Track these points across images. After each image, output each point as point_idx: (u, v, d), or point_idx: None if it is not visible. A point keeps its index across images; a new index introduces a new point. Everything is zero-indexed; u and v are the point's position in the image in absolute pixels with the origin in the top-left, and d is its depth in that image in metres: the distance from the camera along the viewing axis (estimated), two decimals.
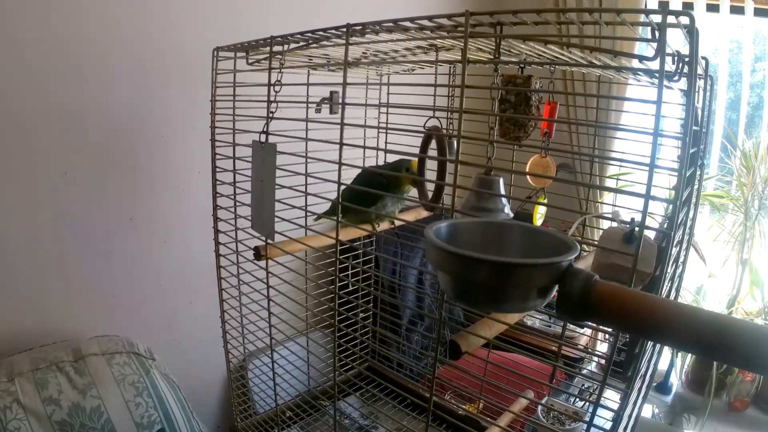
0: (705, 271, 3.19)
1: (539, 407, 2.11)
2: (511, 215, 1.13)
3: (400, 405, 2.10)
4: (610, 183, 3.18)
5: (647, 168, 0.69)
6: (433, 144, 1.25)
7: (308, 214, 1.39)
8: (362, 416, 2.31)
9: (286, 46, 1.36)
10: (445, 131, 1.32)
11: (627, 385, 0.86)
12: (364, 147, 1.19)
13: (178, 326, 2.32)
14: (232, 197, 1.62)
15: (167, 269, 2.23)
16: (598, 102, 2.62)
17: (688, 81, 0.70)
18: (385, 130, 1.84)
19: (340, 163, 1.10)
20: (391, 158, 1.82)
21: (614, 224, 0.83)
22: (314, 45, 1.32)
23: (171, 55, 2.06)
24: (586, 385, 2.67)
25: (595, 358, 3.10)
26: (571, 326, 2.61)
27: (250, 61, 1.60)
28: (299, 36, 1.29)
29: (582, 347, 3.02)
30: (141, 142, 2.05)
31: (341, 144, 1.09)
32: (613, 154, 3.12)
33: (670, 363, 3.07)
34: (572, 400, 2.57)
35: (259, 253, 1.52)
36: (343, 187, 1.15)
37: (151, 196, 2.13)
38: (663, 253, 0.75)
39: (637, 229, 0.73)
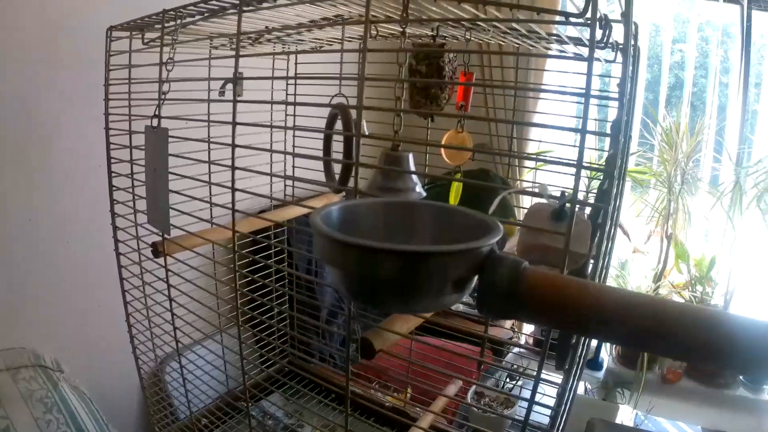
0: (629, 247, 3.21)
1: (469, 395, 2.05)
2: (424, 194, 1.02)
3: (327, 399, 2.01)
4: (530, 163, 3.13)
5: (577, 134, 0.58)
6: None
7: (214, 205, 1.27)
8: (286, 415, 2.20)
9: (180, 21, 1.23)
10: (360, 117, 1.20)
11: (565, 378, 0.77)
12: (266, 125, 1.05)
13: (88, 331, 2.16)
14: (130, 190, 1.50)
15: (71, 271, 2.07)
16: (517, 66, 2.49)
17: (626, 29, 0.60)
18: (289, 109, 1.72)
19: (234, 146, 0.97)
20: (300, 139, 1.72)
21: (541, 200, 0.73)
22: (211, 17, 1.19)
23: (63, 38, 1.89)
24: (515, 366, 2.63)
25: (524, 337, 3.08)
26: None
27: (145, 40, 1.48)
28: (193, 8, 1.17)
29: (509, 328, 2.98)
30: (34, 137, 1.89)
31: (234, 123, 0.97)
32: (533, 130, 3.09)
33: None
34: (502, 384, 2.54)
35: (156, 250, 1.38)
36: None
37: (50, 193, 1.97)
38: (598, 230, 0.65)
39: (568, 204, 0.63)
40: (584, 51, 1.26)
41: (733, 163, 2.98)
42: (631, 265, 3.41)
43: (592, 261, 0.67)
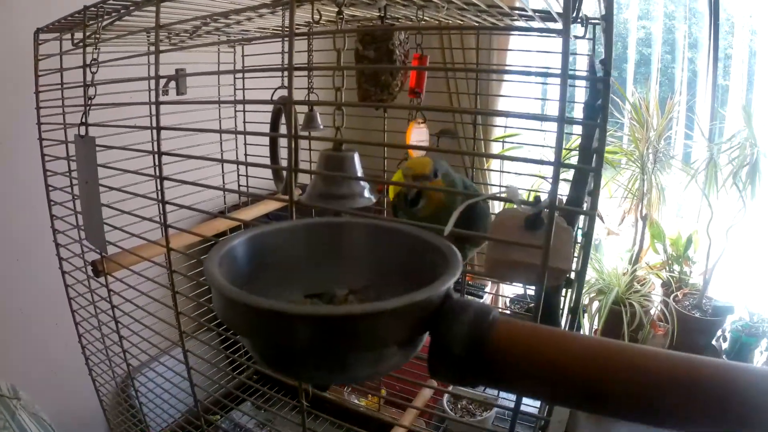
0: (603, 229, 3.15)
1: (445, 398, 1.96)
2: (373, 200, 0.89)
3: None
4: (495, 147, 3.05)
5: (553, 122, 0.48)
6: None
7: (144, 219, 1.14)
8: (258, 424, 2.11)
9: (101, 18, 1.13)
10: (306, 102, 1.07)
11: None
12: (193, 129, 0.94)
13: (45, 353, 2.04)
14: (70, 205, 1.40)
15: (25, 291, 1.95)
16: (478, 46, 2.35)
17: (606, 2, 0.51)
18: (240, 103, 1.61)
19: (159, 153, 0.86)
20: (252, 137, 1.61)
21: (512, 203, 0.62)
22: (135, 11, 1.07)
23: None
24: None
25: None
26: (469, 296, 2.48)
27: (75, 40, 1.35)
28: (113, 3, 1.06)
29: None
30: None
31: (158, 128, 0.85)
32: (498, 121, 2.99)
33: (577, 325, 3.00)
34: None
35: (97, 269, 1.26)
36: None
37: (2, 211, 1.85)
38: (587, 235, 0.55)
39: (545, 211, 0.51)
40: (554, 26, 1.16)
41: (706, 140, 2.92)
42: (606, 248, 3.35)
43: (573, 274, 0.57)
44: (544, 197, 0.53)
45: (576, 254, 0.59)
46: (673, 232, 3.04)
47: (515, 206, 0.55)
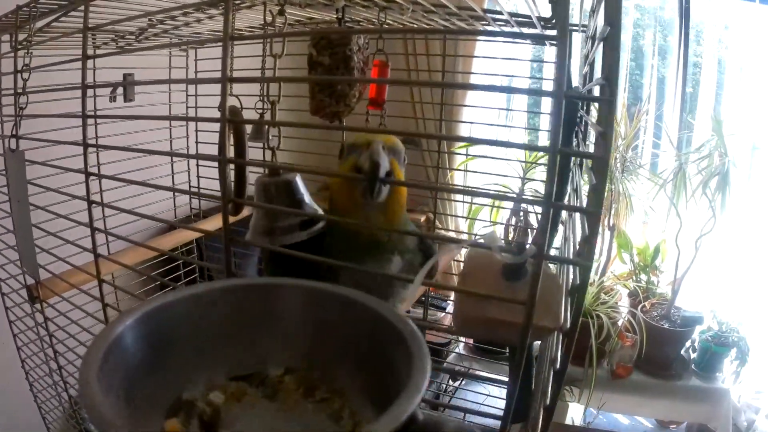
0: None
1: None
2: (318, 227, 0.75)
3: None
4: (459, 158, 2.98)
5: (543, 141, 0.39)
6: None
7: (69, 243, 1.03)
8: None
9: (33, 20, 1.01)
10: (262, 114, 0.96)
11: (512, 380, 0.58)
12: (121, 148, 0.84)
13: None
14: (7, 223, 1.26)
15: None
16: (444, 52, 2.26)
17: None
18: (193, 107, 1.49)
19: (87, 173, 0.76)
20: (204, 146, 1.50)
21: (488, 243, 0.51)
22: (70, 11, 0.96)
23: None
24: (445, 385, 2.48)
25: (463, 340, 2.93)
26: (432, 309, 2.37)
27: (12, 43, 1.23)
28: (45, 2, 0.95)
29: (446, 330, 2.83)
30: None
31: (84, 145, 0.75)
32: (462, 126, 2.92)
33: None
34: (444, 387, 2.37)
35: (32, 295, 1.15)
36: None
37: None
38: (579, 289, 0.45)
39: (530, 259, 0.42)
40: (529, 31, 1.08)
41: (675, 149, 2.89)
42: None
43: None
44: (527, 233, 0.45)
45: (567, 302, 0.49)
46: (640, 242, 3.01)
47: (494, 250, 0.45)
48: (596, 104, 0.63)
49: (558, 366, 0.47)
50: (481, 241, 0.42)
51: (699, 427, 2.93)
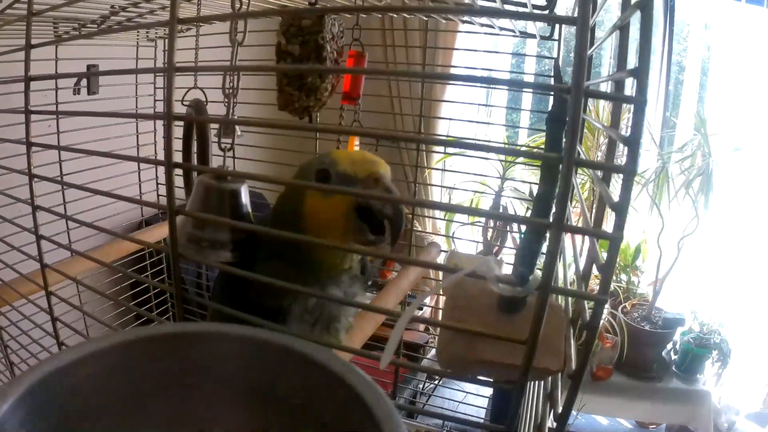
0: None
1: None
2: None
3: None
4: (437, 156, 2.90)
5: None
6: None
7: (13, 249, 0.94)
8: None
9: None
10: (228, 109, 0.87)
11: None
12: (61, 147, 0.76)
13: None
14: None
15: None
16: (425, 44, 2.09)
17: None
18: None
19: (30, 175, 0.67)
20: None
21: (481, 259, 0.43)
22: None
23: None
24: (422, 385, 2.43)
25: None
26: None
27: None
28: None
29: (423, 331, 2.77)
30: None
31: (28, 144, 0.66)
32: (441, 123, 2.85)
33: None
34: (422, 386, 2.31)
35: None
36: None
37: None
38: (590, 327, 0.38)
39: (534, 292, 0.34)
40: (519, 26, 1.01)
41: (657, 147, 2.85)
42: None
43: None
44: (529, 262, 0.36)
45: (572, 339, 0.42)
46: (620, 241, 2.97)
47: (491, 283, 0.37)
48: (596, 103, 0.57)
49: (560, 412, 0.40)
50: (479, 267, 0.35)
51: (679, 429, 2.91)
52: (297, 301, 0.68)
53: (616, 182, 2.75)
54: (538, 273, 0.35)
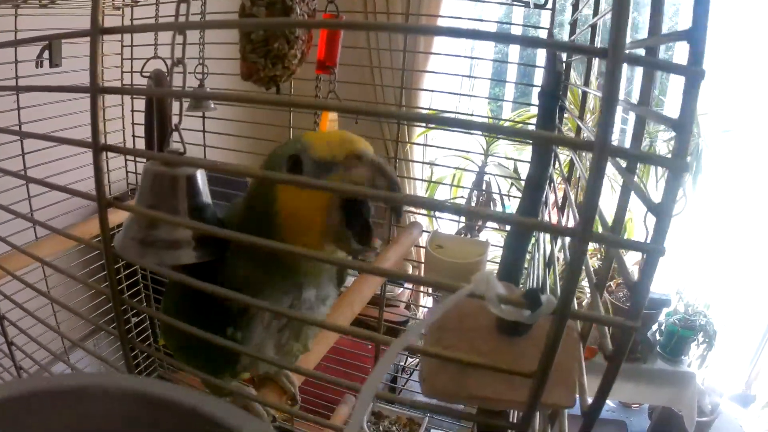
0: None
1: (365, 418, 1.75)
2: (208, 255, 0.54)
3: None
4: (419, 129, 2.82)
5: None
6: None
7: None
8: None
9: None
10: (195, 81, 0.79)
11: None
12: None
13: None
14: None
15: None
16: (408, 11, 1.95)
17: None
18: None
19: None
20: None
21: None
22: None
23: None
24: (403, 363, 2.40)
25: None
26: (390, 284, 2.25)
27: None
28: None
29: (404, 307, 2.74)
30: None
31: None
32: (424, 96, 2.76)
33: None
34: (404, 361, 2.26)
35: None
36: None
37: None
38: (614, 358, 0.30)
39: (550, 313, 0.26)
40: None
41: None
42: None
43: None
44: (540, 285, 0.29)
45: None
46: (607, 217, 2.93)
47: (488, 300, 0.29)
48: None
49: None
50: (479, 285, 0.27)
51: (662, 410, 2.90)
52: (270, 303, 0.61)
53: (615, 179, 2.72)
54: (551, 296, 0.27)
